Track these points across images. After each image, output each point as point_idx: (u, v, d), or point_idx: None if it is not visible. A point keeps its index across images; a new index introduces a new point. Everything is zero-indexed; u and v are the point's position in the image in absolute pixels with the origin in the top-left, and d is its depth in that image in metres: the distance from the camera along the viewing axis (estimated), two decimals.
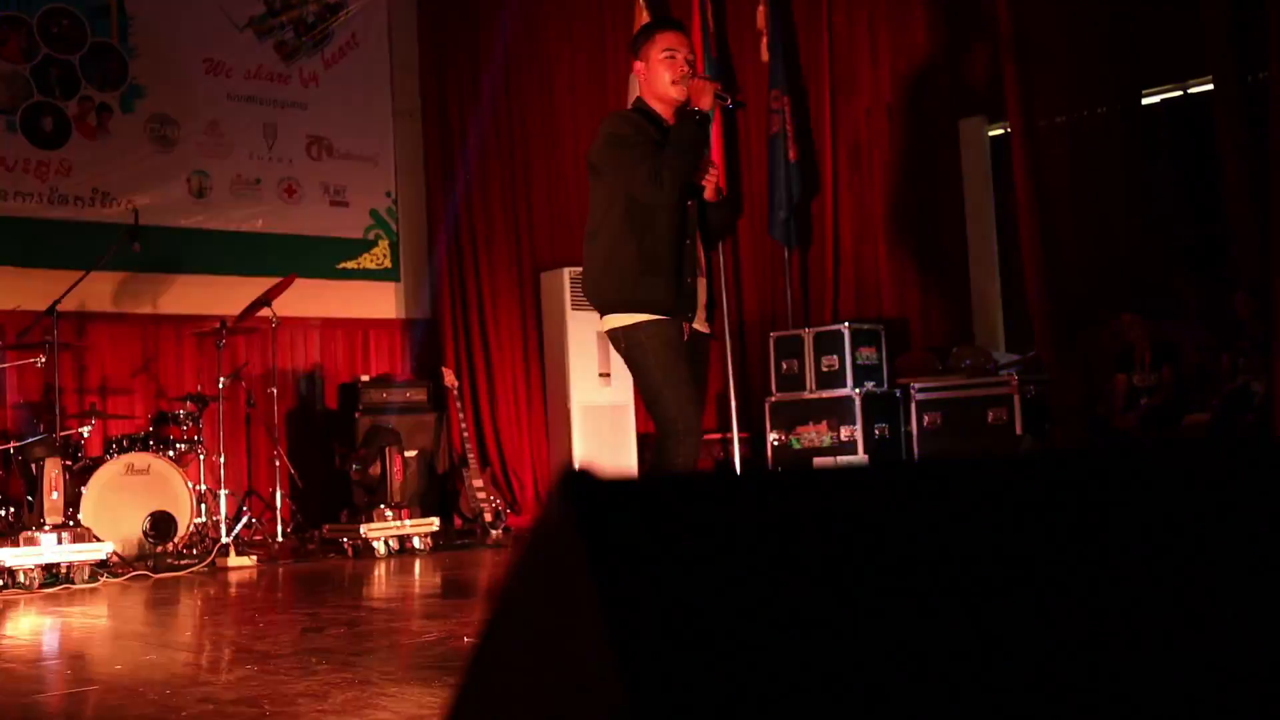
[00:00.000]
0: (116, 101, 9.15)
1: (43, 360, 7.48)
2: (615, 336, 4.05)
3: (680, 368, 3.95)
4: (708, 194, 4.17)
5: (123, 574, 6.60)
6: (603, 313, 4.08)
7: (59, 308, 7.49)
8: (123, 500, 7.16)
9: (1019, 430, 9.02)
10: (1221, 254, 8.66)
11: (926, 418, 9.54)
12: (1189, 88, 9.02)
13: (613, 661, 0.70)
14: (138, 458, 7.25)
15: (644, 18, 9.92)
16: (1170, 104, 9.20)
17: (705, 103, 3.98)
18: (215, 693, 3.24)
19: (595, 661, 0.72)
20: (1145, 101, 9.19)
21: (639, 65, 4.18)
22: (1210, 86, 8.55)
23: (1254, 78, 8.05)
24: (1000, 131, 9.89)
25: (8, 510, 7.16)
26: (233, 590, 5.93)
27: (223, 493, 7.60)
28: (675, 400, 3.91)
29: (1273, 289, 7.48)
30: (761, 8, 10.39)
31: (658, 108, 4.11)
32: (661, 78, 4.08)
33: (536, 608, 0.80)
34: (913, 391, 9.66)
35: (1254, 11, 7.76)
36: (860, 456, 9.54)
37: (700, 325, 4.17)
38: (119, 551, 6.86)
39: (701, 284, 4.16)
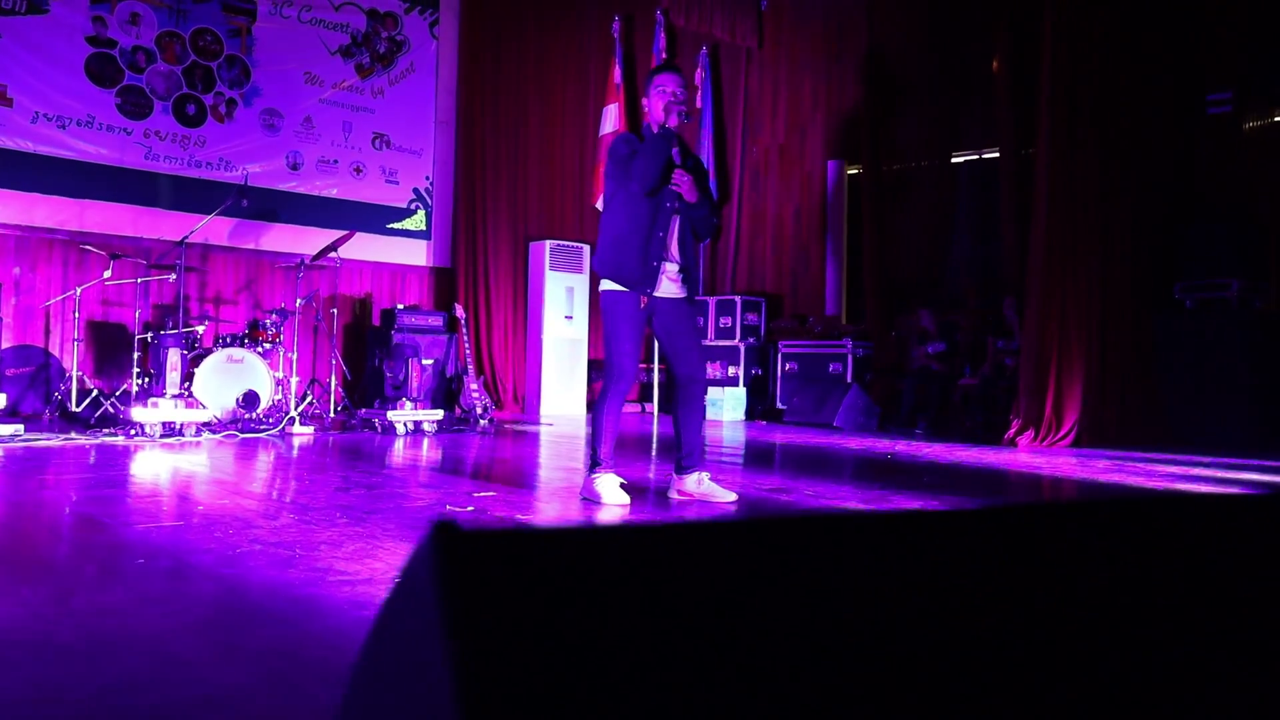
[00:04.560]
0: (240, 97, 8.93)
1: (174, 277, 7.37)
2: (600, 296, 4.05)
3: (626, 329, 3.93)
4: (688, 197, 3.96)
5: (219, 433, 6.57)
6: (598, 276, 4.06)
7: (188, 240, 7.34)
8: (223, 380, 7.05)
9: (849, 379, 9.10)
10: (995, 270, 8.74)
11: (788, 365, 9.59)
12: (984, 153, 9.02)
13: (454, 687, 0.59)
14: (236, 351, 7.12)
15: (616, 66, 9.83)
16: (970, 164, 9.20)
17: (672, 120, 3.91)
18: (262, 535, 3.16)
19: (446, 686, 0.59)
20: (954, 160, 9.20)
21: (645, 100, 4.01)
22: (997, 154, 8.59)
23: (1026, 152, 8.08)
24: (855, 171, 9.87)
25: (143, 380, 7.11)
26: (294, 452, 5.89)
27: (294, 380, 7.50)
28: (617, 350, 3.95)
29: (1026, 296, 7.54)
30: (699, 71, 10.29)
31: (657, 129, 3.98)
32: (657, 107, 3.94)
33: (405, 631, 0.69)
34: (780, 346, 9.71)
35: (1031, 103, 7.78)
36: (740, 387, 9.61)
37: (672, 293, 4.05)
38: (217, 415, 6.85)
39: (671, 267, 4.03)
